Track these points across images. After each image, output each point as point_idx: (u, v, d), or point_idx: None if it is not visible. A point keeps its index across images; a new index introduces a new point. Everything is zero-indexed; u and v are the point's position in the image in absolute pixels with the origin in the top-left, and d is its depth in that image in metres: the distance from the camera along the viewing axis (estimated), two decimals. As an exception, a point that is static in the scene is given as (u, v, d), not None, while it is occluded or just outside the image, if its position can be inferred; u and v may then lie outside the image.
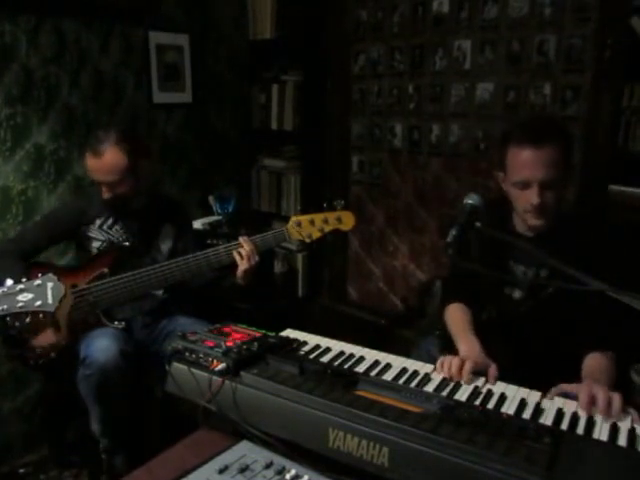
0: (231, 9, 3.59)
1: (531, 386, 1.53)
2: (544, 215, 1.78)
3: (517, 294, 1.95)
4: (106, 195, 2.33)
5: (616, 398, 1.40)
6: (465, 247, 1.75)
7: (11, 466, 2.76)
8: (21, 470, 2.74)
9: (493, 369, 1.61)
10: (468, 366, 1.58)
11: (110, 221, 2.45)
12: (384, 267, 3.59)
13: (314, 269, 3.81)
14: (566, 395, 1.49)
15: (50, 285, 2.06)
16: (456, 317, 2.01)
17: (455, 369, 1.57)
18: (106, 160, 2.27)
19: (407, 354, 1.79)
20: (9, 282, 2.03)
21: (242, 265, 2.33)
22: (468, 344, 1.80)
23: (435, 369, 1.63)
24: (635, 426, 1.32)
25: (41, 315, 2.10)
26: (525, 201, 1.78)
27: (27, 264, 2.33)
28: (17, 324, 2.18)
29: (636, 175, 2.46)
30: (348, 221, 2.43)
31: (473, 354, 1.71)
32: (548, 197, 1.75)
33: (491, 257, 1.88)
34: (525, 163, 1.74)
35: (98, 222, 2.44)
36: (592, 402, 1.40)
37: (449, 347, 1.86)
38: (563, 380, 1.57)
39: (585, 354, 1.76)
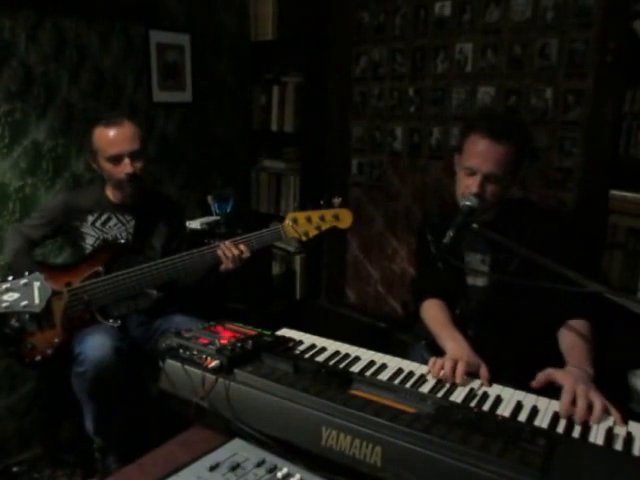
0: (233, 10, 3.59)
1: (515, 374, 1.53)
2: (481, 206, 1.83)
3: (480, 282, 1.99)
4: (128, 169, 2.32)
5: (597, 404, 1.38)
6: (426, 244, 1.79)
7: (5, 464, 2.74)
8: (15, 468, 2.73)
9: (484, 370, 1.60)
10: (461, 368, 1.56)
11: (104, 217, 2.44)
12: (383, 270, 3.57)
13: (312, 271, 3.80)
14: (552, 383, 1.51)
15: (37, 285, 2.05)
16: (434, 314, 2.02)
17: (448, 371, 1.56)
18: (127, 127, 2.34)
19: (404, 357, 1.78)
20: None
21: (225, 264, 2.33)
22: (454, 342, 1.80)
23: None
24: (630, 430, 1.31)
25: (27, 316, 2.09)
26: (465, 187, 1.86)
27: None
28: (14, 323, 2.17)
29: (637, 180, 2.45)
30: (346, 218, 2.40)
31: (464, 353, 1.69)
32: (488, 190, 1.83)
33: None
34: (478, 153, 1.83)
35: (91, 219, 2.44)
36: (573, 403, 1.40)
37: (438, 353, 1.83)
38: (545, 366, 1.58)
39: (559, 326, 1.81)
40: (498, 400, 1.45)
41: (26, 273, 2.07)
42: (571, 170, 2.69)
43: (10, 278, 2.04)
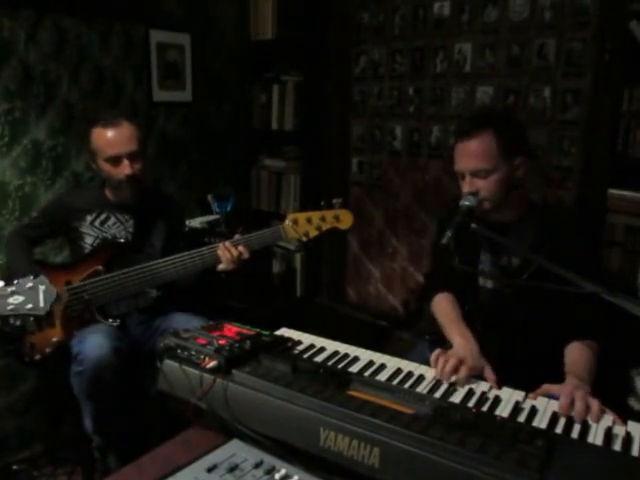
0: (233, 9, 3.59)
1: (516, 377, 1.53)
2: (480, 203, 1.82)
3: (489, 284, 1.98)
4: (127, 170, 2.30)
5: (595, 406, 1.38)
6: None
7: (5, 462, 2.74)
8: (15, 467, 2.72)
9: (489, 372, 1.60)
10: (464, 373, 1.56)
11: (102, 217, 2.44)
12: (383, 269, 3.58)
13: (313, 269, 3.80)
14: (550, 396, 1.48)
15: (42, 288, 2.06)
16: (445, 308, 2.02)
17: (449, 369, 1.56)
18: (125, 128, 2.32)
19: (404, 356, 1.78)
20: (0, 284, 2.04)
21: (225, 265, 2.32)
22: (463, 338, 1.80)
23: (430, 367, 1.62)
24: (629, 430, 1.31)
25: (32, 318, 2.10)
26: (462, 190, 1.86)
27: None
28: (15, 322, 2.17)
29: (635, 179, 2.45)
30: (346, 220, 2.39)
31: (470, 353, 1.69)
32: (480, 186, 1.81)
33: (462, 248, 1.89)
34: (458, 155, 1.86)
35: (89, 218, 2.43)
36: (572, 405, 1.39)
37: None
38: (548, 371, 1.57)
39: (566, 342, 1.78)
40: (497, 400, 1.45)
41: (31, 277, 2.08)
42: (570, 169, 2.70)
43: (16, 281, 2.06)
